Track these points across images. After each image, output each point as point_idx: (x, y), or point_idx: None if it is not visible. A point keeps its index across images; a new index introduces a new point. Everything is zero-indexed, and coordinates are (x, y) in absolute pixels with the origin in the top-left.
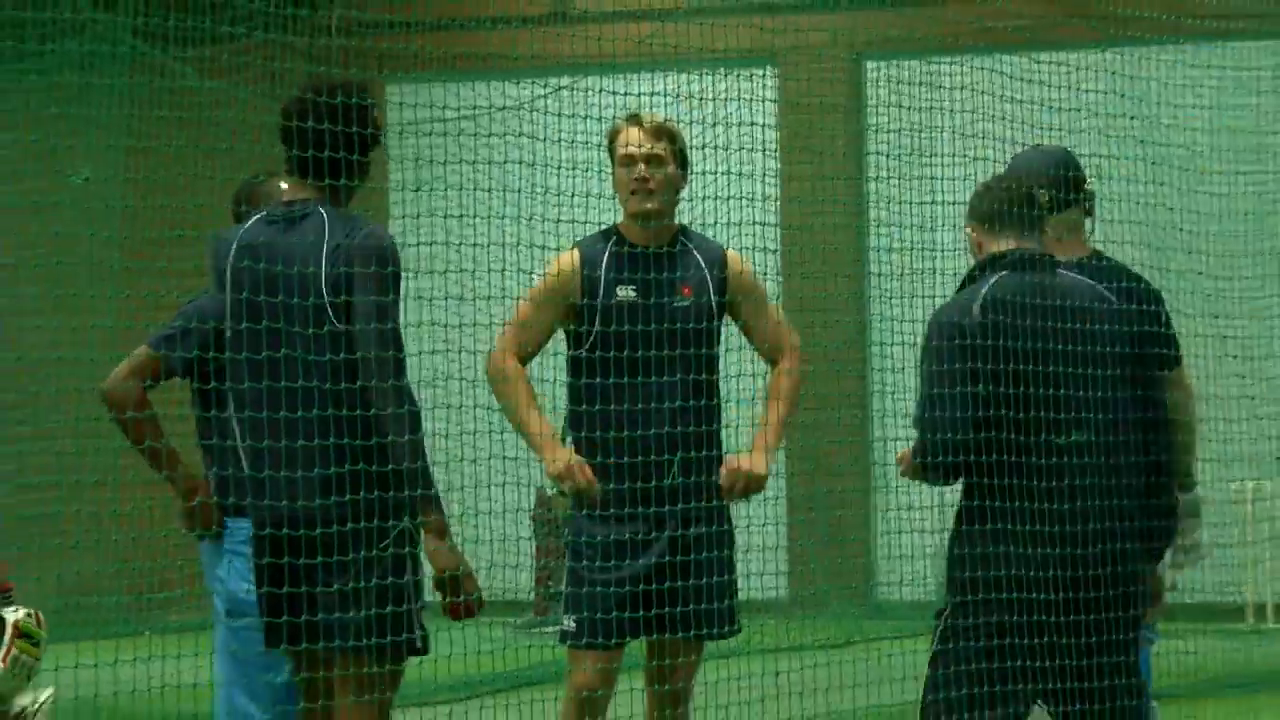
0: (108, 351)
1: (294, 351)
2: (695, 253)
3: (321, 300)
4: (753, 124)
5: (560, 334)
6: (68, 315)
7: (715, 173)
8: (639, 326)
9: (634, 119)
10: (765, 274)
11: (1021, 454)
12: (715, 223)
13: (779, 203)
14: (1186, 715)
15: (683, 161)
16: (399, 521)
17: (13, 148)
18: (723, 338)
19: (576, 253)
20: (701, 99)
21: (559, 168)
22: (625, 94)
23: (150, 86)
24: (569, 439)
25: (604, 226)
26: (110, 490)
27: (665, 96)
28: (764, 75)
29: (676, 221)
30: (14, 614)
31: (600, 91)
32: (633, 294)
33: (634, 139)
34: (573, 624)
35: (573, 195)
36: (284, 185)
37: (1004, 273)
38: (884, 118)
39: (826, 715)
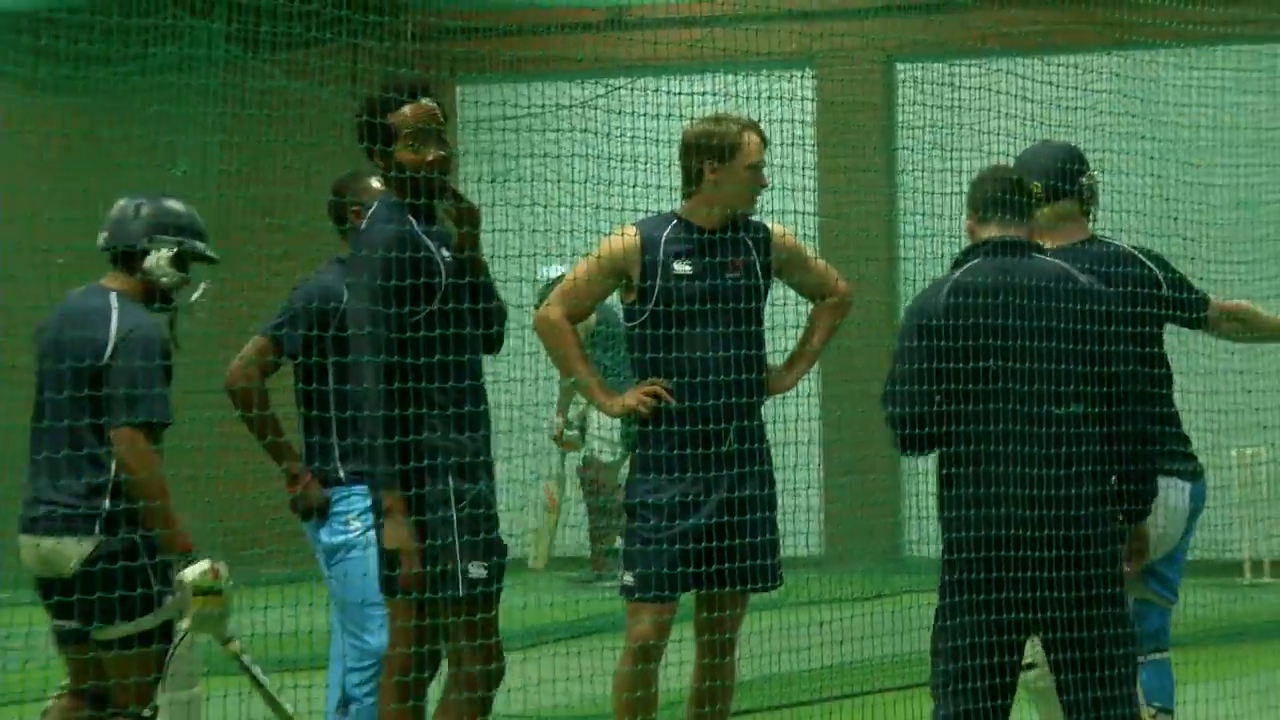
0: (202, 328)
1: (360, 331)
2: (746, 237)
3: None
4: (793, 121)
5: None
6: None
7: None
8: (697, 305)
9: (756, 128)
10: None
11: (990, 422)
12: (758, 212)
13: (816, 194)
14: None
15: None
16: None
17: (120, 143)
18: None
19: (637, 233)
20: (745, 98)
21: (619, 161)
22: (677, 94)
23: (242, 87)
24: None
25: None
26: (205, 455)
27: (712, 96)
28: (803, 76)
29: None
30: (192, 573)
31: (654, 91)
32: (689, 269)
33: (759, 150)
34: (632, 579)
35: (633, 186)
36: (374, 181)
37: (980, 258)
38: (912, 115)
39: (858, 662)
